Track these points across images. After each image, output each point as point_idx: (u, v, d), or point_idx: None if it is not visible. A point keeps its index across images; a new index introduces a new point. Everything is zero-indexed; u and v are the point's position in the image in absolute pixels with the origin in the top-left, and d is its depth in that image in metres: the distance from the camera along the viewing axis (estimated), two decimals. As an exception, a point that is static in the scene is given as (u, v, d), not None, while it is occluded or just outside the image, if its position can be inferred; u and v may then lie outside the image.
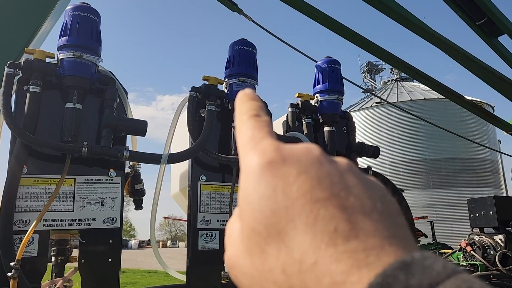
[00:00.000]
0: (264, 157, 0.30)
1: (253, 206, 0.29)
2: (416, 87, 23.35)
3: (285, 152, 0.30)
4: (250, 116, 0.35)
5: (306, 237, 0.26)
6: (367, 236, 0.25)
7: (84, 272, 1.77)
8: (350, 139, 2.60)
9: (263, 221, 0.28)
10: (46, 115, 1.80)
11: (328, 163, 0.29)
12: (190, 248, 2.01)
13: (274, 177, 0.29)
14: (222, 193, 2.12)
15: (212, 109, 2.10)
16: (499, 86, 3.54)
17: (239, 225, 0.31)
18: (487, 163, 20.59)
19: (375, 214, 0.27)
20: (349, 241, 0.25)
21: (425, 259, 0.23)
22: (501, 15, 3.22)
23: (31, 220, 1.68)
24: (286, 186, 0.28)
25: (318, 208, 0.26)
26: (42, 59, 1.79)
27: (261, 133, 0.33)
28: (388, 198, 0.29)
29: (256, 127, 0.34)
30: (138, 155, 1.95)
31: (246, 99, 0.37)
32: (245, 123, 0.35)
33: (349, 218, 0.26)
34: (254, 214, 0.29)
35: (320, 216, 0.26)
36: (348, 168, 0.30)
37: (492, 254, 3.11)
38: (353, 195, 0.27)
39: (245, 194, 0.30)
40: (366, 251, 0.24)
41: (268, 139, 0.32)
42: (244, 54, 2.22)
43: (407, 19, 2.86)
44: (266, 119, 0.35)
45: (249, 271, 0.29)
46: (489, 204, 3.37)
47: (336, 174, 0.29)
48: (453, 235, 15.61)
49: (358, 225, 0.26)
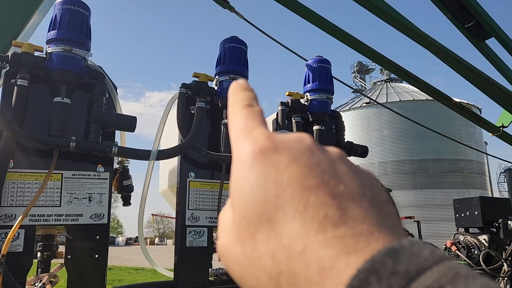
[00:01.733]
0: (256, 146, 0.30)
1: (244, 194, 0.29)
2: (405, 88, 23.56)
3: (277, 141, 0.30)
4: (243, 106, 0.35)
5: (296, 223, 0.26)
6: (357, 223, 0.25)
7: (70, 268, 1.75)
8: (339, 138, 2.62)
9: (254, 208, 0.28)
10: (34, 109, 1.78)
11: (319, 152, 0.30)
12: (178, 245, 2.01)
13: (265, 165, 0.29)
14: (211, 190, 2.12)
15: (202, 106, 2.10)
16: (486, 88, 3.60)
17: (231, 214, 0.31)
18: (474, 164, 20.87)
19: (365, 202, 0.27)
20: (338, 227, 0.25)
21: (413, 246, 0.24)
22: (489, 19, 3.27)
23: (17, 215, 1.66)
24: (277, 174, 0.28)
25: (308, 195, 0.27)
26: (30, 52, 1.77)
27: (254, 123, 0.33)
28: (378, 186, 0.29)
29: (248, 116, 0.34)
30: (126, 151, 1.93)
31: (239, 90, 0.37)
32: (238, 113, 0.35)
33: (339, 205, 0.26)
34: (245, 202, 0.29)
35: (310, 203, 0.26)
36: (340, 157, 0.30)
37: (476, 254, 3.16)
38: (344, 183, 0.27)
39: (237, 182, 0.30)
40: (355, 237, 0.25)
41: (261, 128, 0.32)
42: (235, 51, 2.21)
43: (397, 20, 2.89)
44: (259, 109, 0.35)
45: (240, 258, 0.30)
46: (475, 204, 3.42)
47: (327, 163, 0.29)
48: (439, 235, 15.79)
49: (347, 212, 0.26)
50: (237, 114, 0.35)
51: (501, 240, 3.25)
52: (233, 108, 0.36)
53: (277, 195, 0.27)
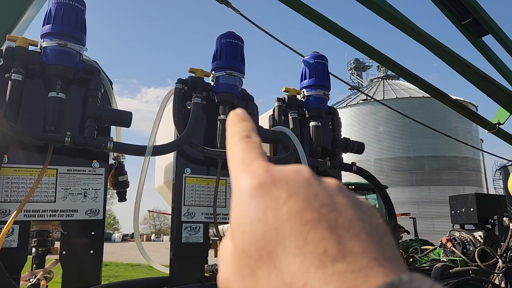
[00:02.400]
0: (255, 179, 0.31)
1: (245, 229, 0.29)
2: (402, 85, 23.58)
3: (275, 174, 0.31)
4: (241, 137, 0.36)
5: (296, 259, 0.26)
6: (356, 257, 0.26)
7: (65, 263, 1.74)
8: (336, 134, 2.62)
9: (254, 243, 0.29)
10: (28, 103, 1.77)
11: (317, 184, 0.30)
12: (173, 241, 2.00)
13: (264, 199, 0.29)
14: (207, 186, 2.12)
15: (198, 101, 2.09)
16: (483, 85, 3.60)
17: (231, 247, 0.32)
18: (470, 161, 20.94)
19: (363, 235, 0.27)
20: (338, 262, 0.25)
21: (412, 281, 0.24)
22: (486, 15, 3.27)
23: (11, 211, 1.65)
24: (276, 208, 0.28)
25: (308, 230, 0.27)
26: (25, 46, 1.75)
27: (252, 155, 0.33)
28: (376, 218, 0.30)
29: (247, 148, 0.34)
30: (122, 146, 1.92)
31: (237, 120, 0.38)
32: (236, 144, 0.35)
33: (338, 240, 0.26)
34: (245, 237, 0.29)
35: (309, 238, 0.27)
36: (337, 188, 0.31)
37: (471, 250, 3.17)
38: (342, 216, 0.28)
39: (237, 217, 0.30)
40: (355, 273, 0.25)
41: (259, 161, 0.33)
42: (232, 47, 2.20)
43: (393, 16, 2.88)
44: (257, 140, 0.36)
45: None
46: (470, 201, 3.43)
47: (325, 195, 0.29)
48: (434, 232, 15.85)
49: (346, 246, 0.26)
50: (235, 145, 0.35)
51: (496, 237, 3.26)
52: (231, 139, 0.36)
53: (277, 229, 0.28)
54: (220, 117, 2.15)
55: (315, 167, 2.43)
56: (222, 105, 2.17)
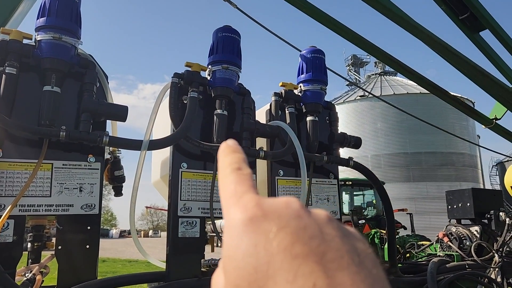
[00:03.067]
0: (246, 213, 0.31)
1: (236, 263, 0.30)
2: (399, 81, 23.62)
3: (266, 207, 0.31)
4: (233, 170, 0.36)
5: None
6: None
7: (61, 258, 1.74)
8: (333, 129, 2.61)
9: (246, 277, 0.29)
10: (23, 97, 1.75)
11: (307, 217, 0.31)
12: (170, 236, 2.00)
13: (255, 233, 0.30)
14: (203, 181, 2.11)
15: (195, 96, 2.07)
16: (480, 80, 3.60)
17: (223, 280, 0.32)
18: (466, 157, 21.03)
19: (353, 267, 0.28)
20: None
21: None
22: (484, 10, 3.26)
23: (6, 205, 1.64)
24: (267, 242, 0.29)
25: (298, 264, 0.27)
26: (19, 40, 1.74)
27: (243, 187, 0.34)
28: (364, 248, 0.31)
29: (238, 181, 0.35)
30: (118, 141, 1.91)
31: (229, 152, 0.38)
32: (228, 177, 0.36)
33: (327, 273, 0.27)
34: (237, 271, 0.30)
35: (299, 272, 0.27)
36: (327, 220, 0.31)
37: (468, 245, 3.17)
38: (331, 249, 0.29)
39: (229, 251, 0.31)
40: None
41: (250, 194, 0.33)
42: (228, 41, 2.19)
43: (391, 11, 2.87)
44: (248, 172, 0.36)
45: None
46: (467, 196, 3.44)
47: (314, 227, 0.30)
48: (431, 228, 15.92)
49: (336, 279, 0.27)
50: (227, 178, 0.36)
51: (493, 231, 3.27)
52: (223, 171, 0.37)
53: (268, 263, 0.28)
54: (217, 112, 2.14)
55: (312, 161, 2.42)
56: (218, 100, 2.16)
